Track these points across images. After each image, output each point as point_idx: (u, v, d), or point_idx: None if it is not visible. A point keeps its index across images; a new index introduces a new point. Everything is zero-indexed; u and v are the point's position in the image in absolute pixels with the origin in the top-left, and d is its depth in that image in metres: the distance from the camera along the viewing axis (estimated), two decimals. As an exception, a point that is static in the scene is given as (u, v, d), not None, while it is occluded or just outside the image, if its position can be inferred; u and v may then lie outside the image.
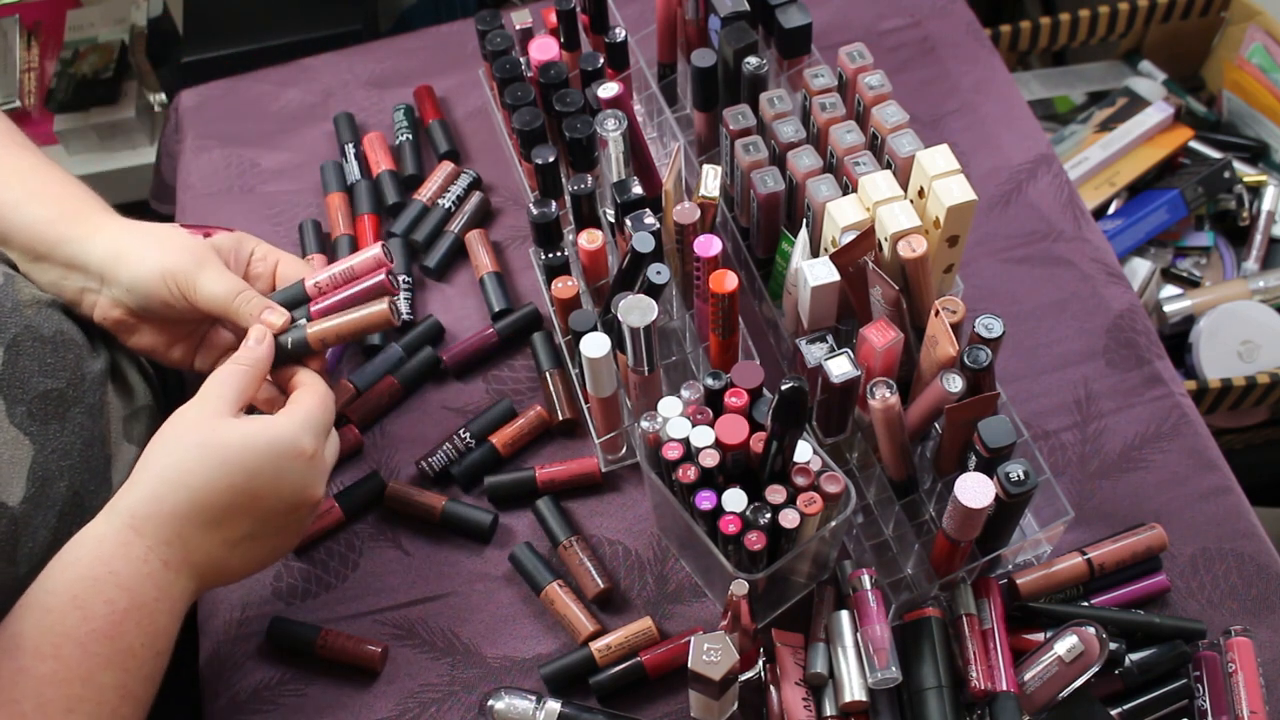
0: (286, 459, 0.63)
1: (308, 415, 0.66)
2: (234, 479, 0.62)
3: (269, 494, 0.63)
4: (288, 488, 0.64)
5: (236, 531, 0.63)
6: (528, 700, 0.72)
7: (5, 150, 0.75)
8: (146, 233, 0.72)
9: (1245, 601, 0.77)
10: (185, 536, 0.61)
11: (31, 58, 1.77)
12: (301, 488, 0.65)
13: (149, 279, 0.69)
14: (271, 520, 0.65)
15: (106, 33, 1.76)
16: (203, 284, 0.69)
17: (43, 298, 0.73)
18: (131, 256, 0.70)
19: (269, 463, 0.63)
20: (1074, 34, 1.45)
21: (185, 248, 0.70)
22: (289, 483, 0.64)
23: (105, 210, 0.74)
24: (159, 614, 0.61)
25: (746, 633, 0.67)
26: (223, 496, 0.62)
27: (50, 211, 0.72)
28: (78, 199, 0.74)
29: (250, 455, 0.62)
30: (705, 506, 0.67)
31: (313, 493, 0.65)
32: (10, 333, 0.68)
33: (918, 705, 0.70)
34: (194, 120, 1.06)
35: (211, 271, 0.70)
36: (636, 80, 0.93)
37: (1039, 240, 0.93)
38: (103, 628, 0.58)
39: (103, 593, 0.59)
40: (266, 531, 0.65)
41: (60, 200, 0.73)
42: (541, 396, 0.88)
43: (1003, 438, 0.66)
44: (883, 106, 0.77)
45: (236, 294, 0.70)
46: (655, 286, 0.72)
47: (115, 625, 0.59)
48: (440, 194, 0.97)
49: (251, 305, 0.70)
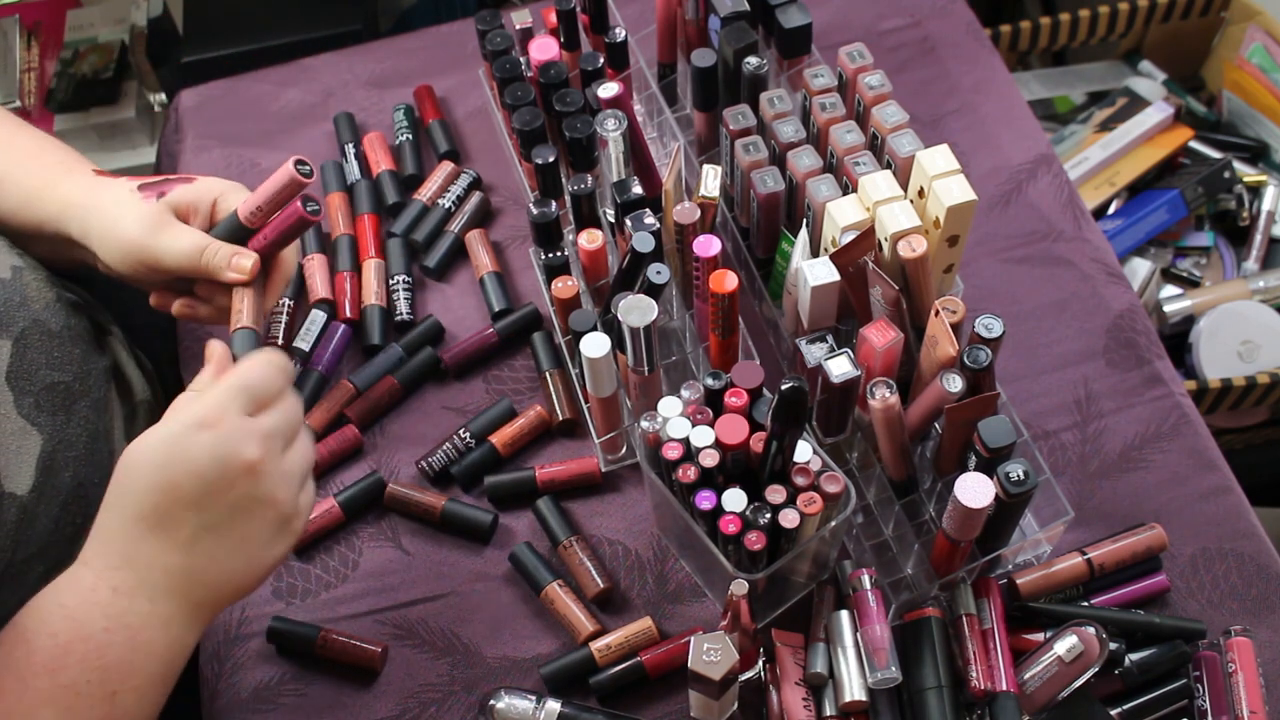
0: (188, 436, 0.58)
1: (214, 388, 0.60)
2: (148, 479, 0.58)
3: (185, 477, 0.58)
4: (202, 463, 0.58)
5: (182, 530, 0.58)
6: (528, 700, 0.72)
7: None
8: (103, 209, 0.70)
9: (1245, 601, 0.77)
10: (131, 555, 0.58)
11: (31, 58, 1.76)
12: (220, 457, 0.58)
13: (115, 259, 0.69)
14: (210, 503, 0.59)
15: (106, 33, 1.76)
16: (163, 251, 0.68)
17: (49, 293, 0.73)
18: (94, 237, 0.69)
19: (171, 448, 0.58)
20: (1074, 34, 1.45)
21: (138, 219, 0.68)
22: (201, 457, 0.58)
23: (68, 173, 0.72)
24: (110, 646, 0.57)
25: (746, 633, 0.67)
26: (146, 500, 0.58)
27: (23, 191, 0.71)
28: (41, 170, 0.72)
29: (153, 450, 0.58)
30: (705, 506, 0.67)
31: (239, 458, 0.58)
32: (18, 326, 0.68)
33: (918, 705, 0.70)
34: (194, 120, 1.06)
35: (168, 235, 0.68)
36: (636, 80, 0.93)
37: (1039, 240, 0.93)
38: (43, 662, 0.56)
39: (47, 625, 0.56)
40: (217, 518, 0.59)
41: (28, 177, 0.72)
42: (541, 396, 0.88)
43: (1003, 438, 0.66)
44: (883, 106, 0.77)
45: (201, 251, 0.68)
46: (655, 286, 0.72)
47: (56, 659, 0.56)
48: (440, 194, 0.97)
49: (219, 257, 0.68)
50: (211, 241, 0.68)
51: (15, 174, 0.72)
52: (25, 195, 0.71)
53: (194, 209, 0.71)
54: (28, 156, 0.73)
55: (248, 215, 0.69)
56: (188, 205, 0.70)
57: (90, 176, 0.72)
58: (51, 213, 0.70)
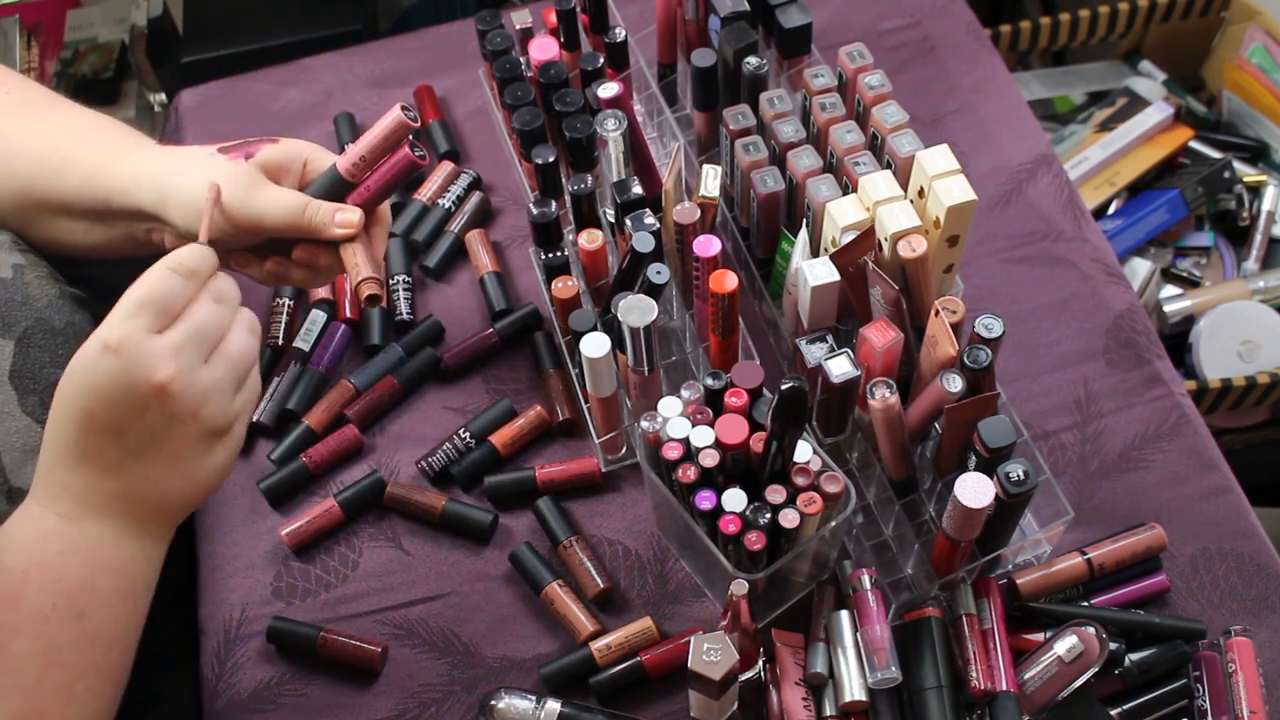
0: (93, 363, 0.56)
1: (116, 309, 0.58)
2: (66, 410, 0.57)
3: (96, 404, 0.57)
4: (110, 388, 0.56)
5: (108, 455, 0.58)
6: (528, 700, 0.72)
7: (34, 115, 0.73)
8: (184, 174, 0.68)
9: (1245, 601, 0.77)
10: (65, 484, 0.58)
11: (31, 58, 1.76)
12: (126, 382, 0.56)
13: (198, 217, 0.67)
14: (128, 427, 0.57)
15: (106, 33, 1.76)
16: (264, 210, 0.66)
17: (52, 290, 0.73)
18: (173, 204, 0.67)
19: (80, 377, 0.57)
20: (1074, 34, 1.45)
21: (230, 179, 0.66)
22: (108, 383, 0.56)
23: (136, 145, 0.71)
24: (67, 568, 0.58)
25: (746, 633, 0.67)
26: (68, 431, 0.57)
27: (88, 166, 0.69)
28: (106, 144, 0.71)
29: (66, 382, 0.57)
30: (705, 506, 0.67)
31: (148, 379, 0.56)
32: (21, 326, 0.68)
33: (918, 705, 0.70)
34: (194, 120, 1.06)
35: (267, 195, 0.66)
36: (636, 80, 0.93)
37: (1039, 240, 0.93)
38: (5, 595, 0.56)
39: (3, 560, 0.57)
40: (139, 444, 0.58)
41: (92, 152, 0.70)
42: (541, 396, 0.88)
43: (1003, 438, 0.66)
44: (883, 106, 0.77)
45: (303, 209, 0.67)
46: (655, 286, 0.72)
47: (15, 589, 0.56)
48: (440, 194, 0.97)
49: (322, 214, 0.67)
50: (312, 200, 0.67)
51: (79, 150, 0.71)
52: (89, 171, 0.69)
53: (285, 169, 0.69)
54: (91, 133, 0.72)
55: (349, 168, 0.68)
56: (278, 165, 0.69)
57: (158, 148, 0.71)
58: (120, 185, 0.69)
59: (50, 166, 0.71)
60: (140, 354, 0.56)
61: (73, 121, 0.73)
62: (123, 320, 0.57)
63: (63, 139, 0.72)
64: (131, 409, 0.57)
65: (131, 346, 0.56)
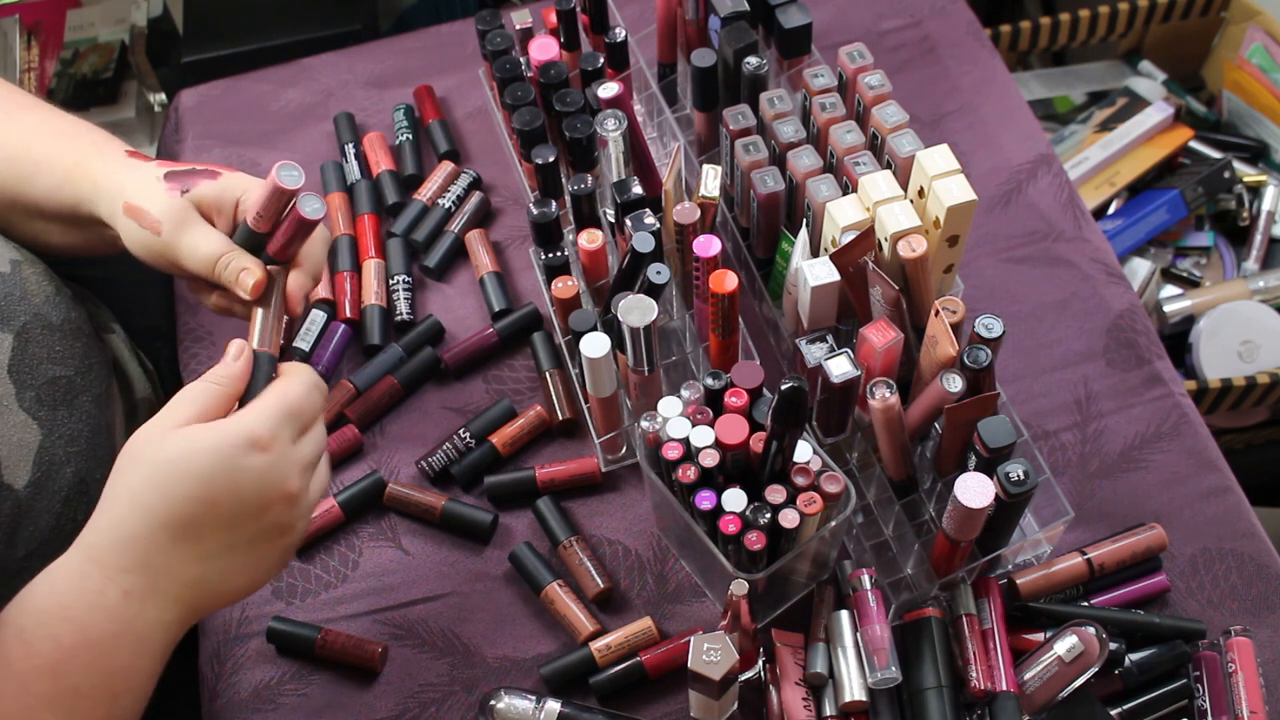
0: (239, 455, 0.57)
1: (264, 406, 0.59)
2: (187, 489, 0.56)
3: (227, 496, 0.57)
4: (248, 486, 0.58)
5: (207, 544, 0.58)
6: (528, 700, 0.72)
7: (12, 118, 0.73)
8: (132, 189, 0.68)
9: (1245, 601, 0.77)
10: (148, 560, 0.57)
11: (31, 58, 1.76)
12: (266, 484, 0.58)
13: (138, 249, 0.68)
14: (243, 524, 0.59)
15: (106, 33, 1.76)
16: (184, 255, 0.66)
17: (49, 286, 0.73)
18: (121, 221, 0.68)
19: (220, 463, 0.57)
20: (1074, 34, 1.45)
21: (163, 215, 0.66)
22: (248, 480, 0.58)
23: (100, 153, 0.71)
24: (116, 651, 0.56)
25: (746, 633, 0.67)
26: (180, 509, 0.56)
27: (59, 171, 0.70)
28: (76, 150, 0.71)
29: (199, 460, 0.56)
30: (705, 506, 0.67)
31: (283, 487, 0.59)
32: (19, 320, 0.68)
33: (918, 705, 0.70)
34: (194, 120, 1.06)
35: (189, 237, 0.66)
36: (636, 80, 0.93)
37: (1039, 240, 0.93)
38: (45, 665, 0.54)
39: (49, 627, 0.55)
40: (244, 538, 0.59)
41: (63, 158, 0.70)
42: (541, 396, 0.88)
43: (1003, 438, 0.66)
44: (883, 106, 0.77)
45: (217, 258, 0.66)
46: (655, 286, 0.72)
47: (59, 663, 0.54)
48: (440, 194, 0.97)
49: (229, 270, 0.66)
50: (228, 250, 0.67)
51: (50, 154, 0.71)
52: (59, 177, 0.70)
53: (217, 208, 0.69)
54: (63, 137, 0.72)
55: (253, 221, 0.67)
56: (211, 204, 0.69)
57: (121, 158, 0.70)
58: (84, 193, 0.69)
59: (22, 170, 0.71)
60: (285, 461, 0.59)
61: (47, 124, 0.73)
62: (274, 423, 0.59)
63: (36, 142, 0.72)
64: (259, 508, 0.59)
65: (279, 451, 0.59)
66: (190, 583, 0.58)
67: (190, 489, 0.56)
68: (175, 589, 0.58)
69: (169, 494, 0.56)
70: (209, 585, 0.59)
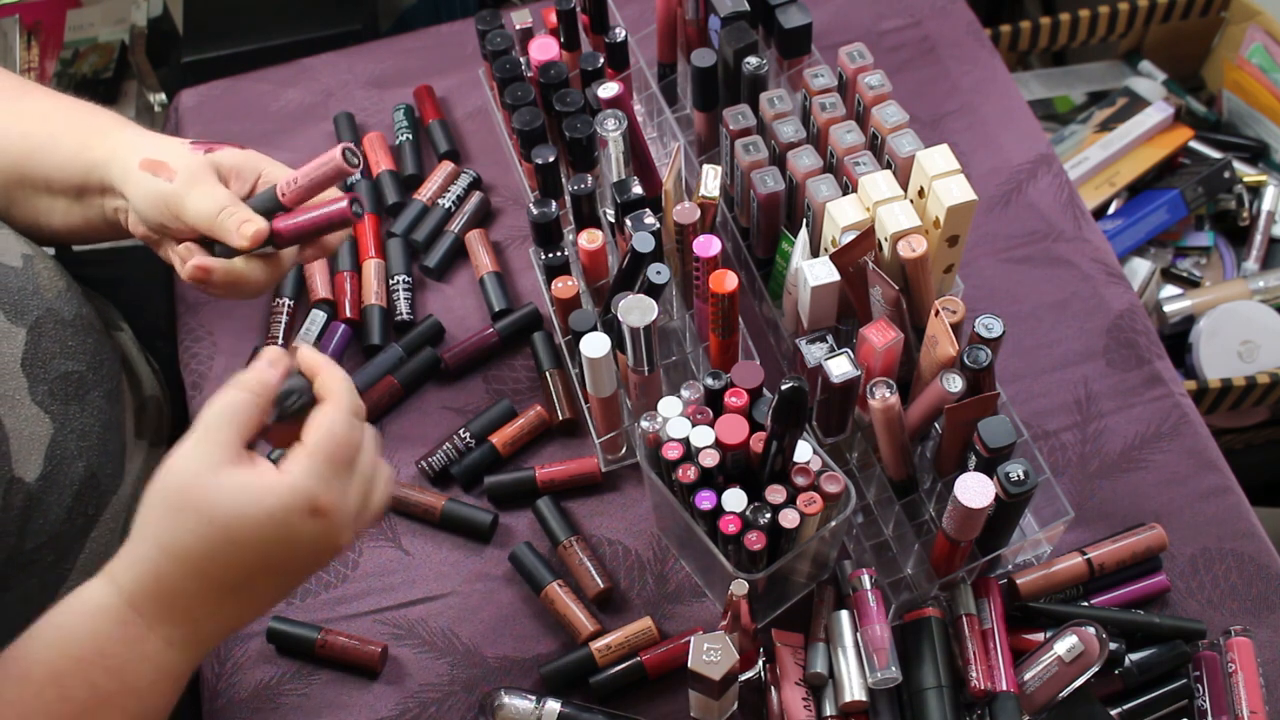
0: (298, 521, 0.55)
1: (315, 461, 0.56)
2: (243, 556, 0.54)
3: (284, 557, 0.56)
4: (305, 549, 0.56)
5: (256, 594, 0.57)
6: (528, 700, 0.72)
7: (20, 98, 0.74)
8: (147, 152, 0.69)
9: (1245, 601, 0.77)
10: (192, 612, 0.55)
11: (31, 58, 1.76)
12: (322, 545, 0.57)
13: (145, 202, 0.68)
14: (290, 580, 0.58)
15: (106, 33, 1.76)
16: (189, 203, 0.66)
17: (60, 282, 0.73)
18: (131, 180, 0.68)
19: (279, 530, 0.54)
20: (1074, 34, 1.45)
21: (180, 168, 0.67)
22: (305, 544, 0.56)
23: (121, 127, 0.72)
24: (151, 697, 0.55)
25: (746, 633, 0.67)
26: (234, 574, 0.55)
27: (74, 143, 0.71)
28: (94, 124, 0.72)
29: (257, 527, 0.54)
30: (705, 506, 0.67)
31: (337, 544, 0.57)
32: (33, 315, 0.68)
33: (918, 705, 0.70)
34: (194, 120, 1.06)
35: (200, 189, 0.66)
36: (636, 80, 0.93)
37: (1039, 240, 0.93)
38: (78, 711, 0.53)
39: (87, 674, 0.54)
40: (284, 589, 0.59)
41: (80, 130, 0.72)
42: (541, 396, 0.88)
43: (1003, 438, 0.66)
44: (883, 106, 0.77)
45: (220, 209, 0.66)
46: (655, 286, 0.72)
47: (93, 711, 0.54)
48: (440, 194, 0.97)
49: (232, 219, 0.65)
50: (233, 203, 0.66)
51: (68, 126, 0.72)
52: (75, 147, 0.71)
53: (237, 173, 0.69)
54: (83, 113, 0.73)
55: (283, 187, 0.66)
56: (231, 168, 0.69)
57: (142, 133, 0.72)
58: (98, 159, 0.70)
59: (38, 142, 0.72)
60: (341, 521, 0.57)
61: (66, 103, 0.75)
62: (328, 482, 0.56)
63: (54, 116, 0.73)
64: (313, 564, 0.58)
65: (337, 515, 0.56)
66: (232, 627, 0.58)
67: (246, 556, 0.54)
68: (214, 635, 0.58)
69: (223, 558, 0.54)
70: (232, 628, 0.59)
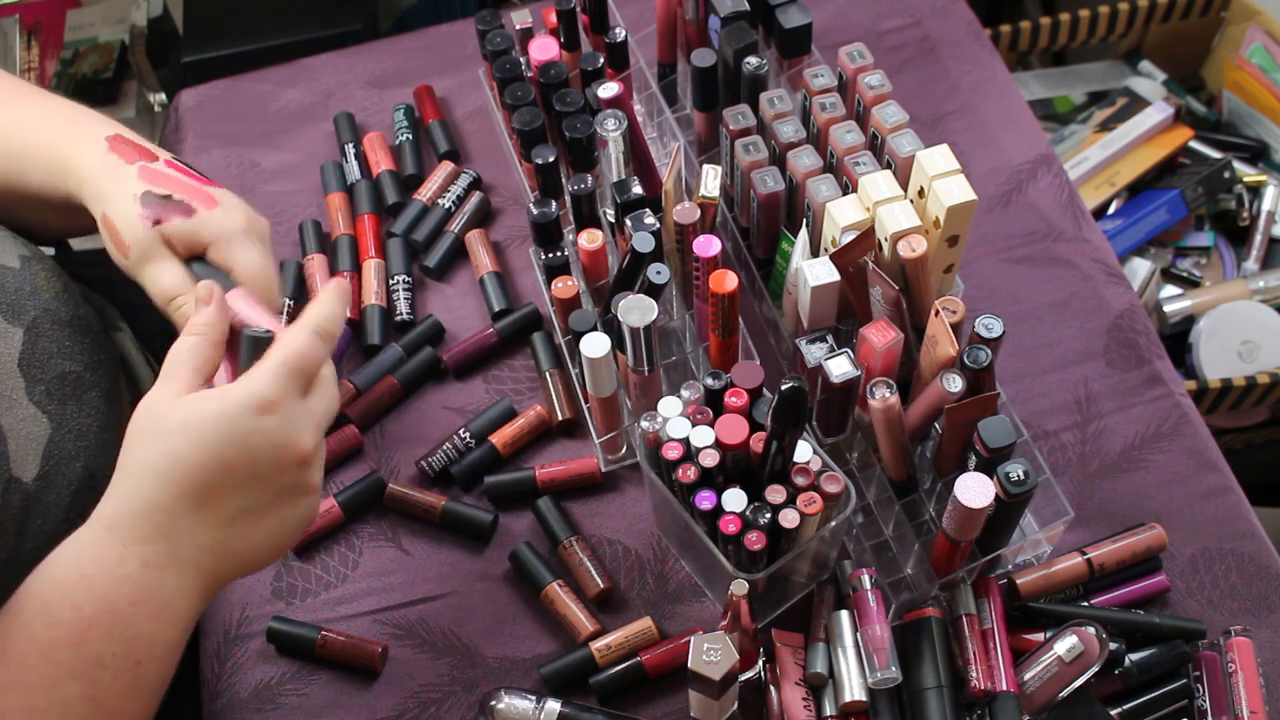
0: (247, 419, 0.57)
1: (267, 366, 0.59)
2: (200, 456, 0.56)
3: (241, 461, 0.57)
4: (261, 449, 0.57)
5: (225, 510, 0.58)
6: (528, 700, 0.72)
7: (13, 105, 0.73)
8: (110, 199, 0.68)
9: (1245, 601, 0.77)
10: (166, 528, 0.57)
11: (31, 58, 1.76)
12: (278, 442, 0.58)
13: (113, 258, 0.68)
14: (259, 486, 0.59)
15: (106, 33, 1.76)
16: (144, 280, 0.67)
17: (58, 282, 0.73)
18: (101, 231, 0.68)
19: (229, 429, 0.56)
20: (1074, 34, 1.45)
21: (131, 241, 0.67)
22: (260, 443, 0.57)
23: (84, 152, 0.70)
24: (136, 619, 0.56)
25: (746, 633, 0.67)
26: (195, 476, 0.56)
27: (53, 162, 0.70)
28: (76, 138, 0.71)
29: (208, 428, 0.56)
30: (705, 506, 0.67)
31: (296, 445, 0.59)
32: (30, 315, 0.68)
33: (918, 705, 0.70)
34: (194, 120, 1.06)
35: (152, 268, 0.67)
36: (636, 80, 0.93)
37: (1039, 240, 0.93)
38: (67, 635, 0.55)
39: (70, 598, 0.55)
40: (262, 502, 0.59)
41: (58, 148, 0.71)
42: (541, 396, 0.88)
43: (1003, 438, 0.66)
44: (883, 106, 0.77)
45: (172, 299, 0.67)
46: (655, 286, 0.72)
47: (81, 632, 0.55)
48: (440, 194, 0.97)
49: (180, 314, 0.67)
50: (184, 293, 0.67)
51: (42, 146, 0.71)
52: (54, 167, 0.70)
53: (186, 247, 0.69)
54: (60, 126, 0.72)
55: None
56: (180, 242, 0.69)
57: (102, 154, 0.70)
58: (72, 187, 0.70)
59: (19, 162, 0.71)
60: (295, 419, 0.58)
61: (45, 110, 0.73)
62: (279, 382, 0.58)
63: (32, 131, 0.72)
64: (273, 470, 0.58)
65: (287, 410, 0.58)
66: (210, 549, 0.58)
67: (203, 457, 0.56)
68: (195, 556, 0.58)
69: (182, 462, 0.56)
70: (230, 551, 0.59)
